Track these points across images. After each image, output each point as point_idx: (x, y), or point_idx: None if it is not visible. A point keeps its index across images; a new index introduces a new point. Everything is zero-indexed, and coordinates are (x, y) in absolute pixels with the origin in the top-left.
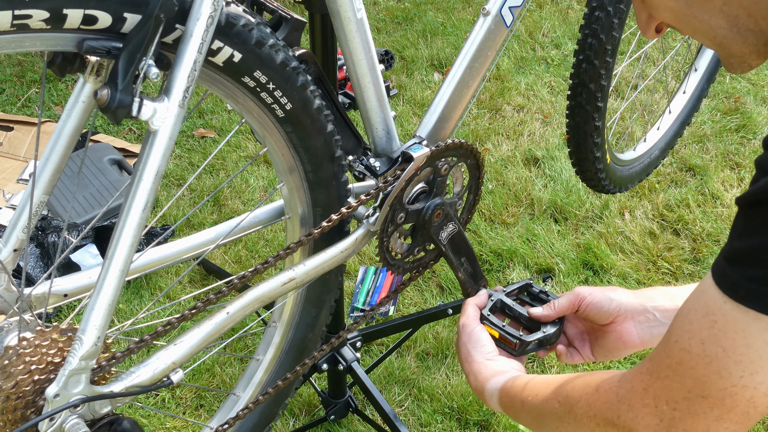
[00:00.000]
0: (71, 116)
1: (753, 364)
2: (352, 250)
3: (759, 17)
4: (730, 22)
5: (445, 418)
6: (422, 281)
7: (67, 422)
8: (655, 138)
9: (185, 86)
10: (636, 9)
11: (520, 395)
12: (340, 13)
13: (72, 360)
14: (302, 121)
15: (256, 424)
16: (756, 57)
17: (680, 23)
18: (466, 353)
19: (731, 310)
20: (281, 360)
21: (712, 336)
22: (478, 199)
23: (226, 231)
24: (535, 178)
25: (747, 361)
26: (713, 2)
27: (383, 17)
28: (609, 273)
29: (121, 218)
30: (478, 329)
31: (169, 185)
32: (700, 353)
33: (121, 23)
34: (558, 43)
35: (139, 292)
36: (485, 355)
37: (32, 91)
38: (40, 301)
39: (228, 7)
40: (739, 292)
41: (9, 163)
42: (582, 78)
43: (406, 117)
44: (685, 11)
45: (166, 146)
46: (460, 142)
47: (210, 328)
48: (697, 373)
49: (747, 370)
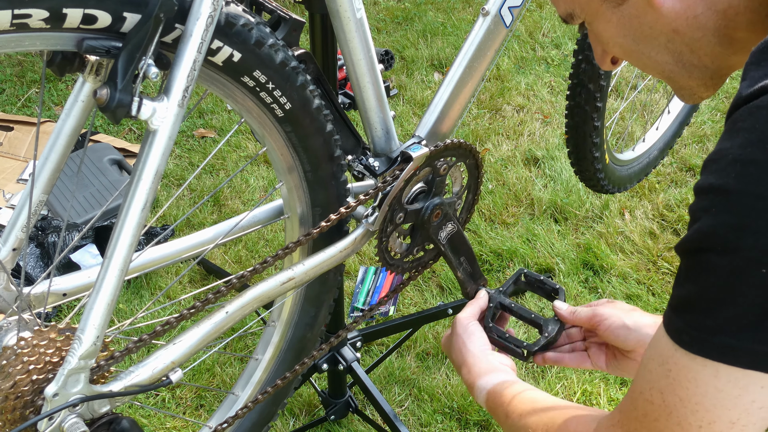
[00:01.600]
0: (70, 116)
1: (709, 414)
2: (351, 249)
3: (701, 54)
4: (675, 58)
5: (445, 418)
6: (422, 281)
7: (66, 421)
8: (654, 138)
9: (185, 86)
10: (591, 43)
11: (505, 407)
12: (339, 13)
13: (71, 359)
14: (301, 120)
15: (255, 423)
16: (705, 89)
17: (630, 58)
18: (461, 343)
19: (681, 358)
20: (280, 359)
21: (669, 386)
22: (477, 199)
23: (225, 230)
24: (535, 178)
25: (703, 410)
26: (658, 39)
27: (383, 17)
28: (609, 273)
29: (121, 217)
30: (473, 324)
31: (169, 185)
32: (661, 404)
33: (120, 23)
34: (558, 43)
35: (138, 291)
36: (480, 347)
37: (32, 91)
38: (39, 300)
39: (228, 7)
40: (684, 339)
41: (9, 163)
42: (581, 78)
43: (406, 117)
44: (633, 47)
45: (165, 146)
46: (458, 141)
47: (209, 328)
48: (661, 425)
49: (704, 420)
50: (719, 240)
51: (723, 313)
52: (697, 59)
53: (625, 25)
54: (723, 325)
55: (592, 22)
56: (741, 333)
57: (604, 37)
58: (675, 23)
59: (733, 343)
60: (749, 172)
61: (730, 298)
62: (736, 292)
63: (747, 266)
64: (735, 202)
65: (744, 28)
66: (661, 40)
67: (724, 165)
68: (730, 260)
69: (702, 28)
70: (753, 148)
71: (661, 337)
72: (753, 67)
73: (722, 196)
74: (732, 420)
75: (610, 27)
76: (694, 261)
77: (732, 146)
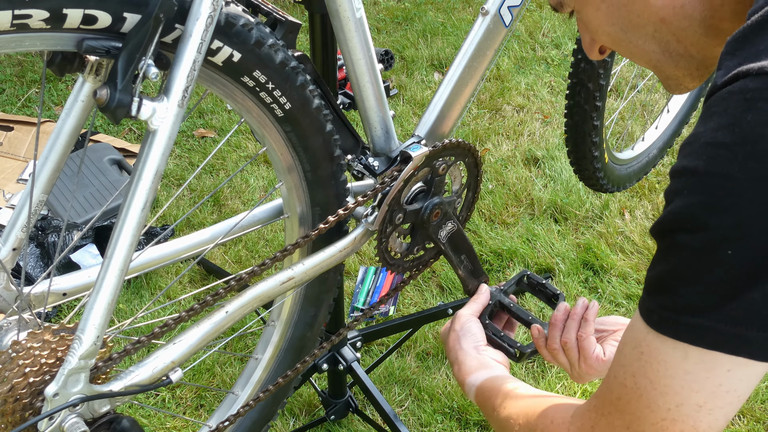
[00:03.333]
0: (70, 115)
1: (677, 396)
2: (350, 249)
3: (687, 43)
4: (661, 47)
5: (445, 418)
6: (422, 281)
7: (67, 421)
8: (653, 137)
9: (184, 86)
10: (580, 32)
11: (492, 401)
12: (339, 12)
13: (71, 359)
14: (301, 120)
15: (255, 422)
16: (691, 80)
17: (618, 47)
18: (455, 340)
19: (653, 340)
20: (280, 359)
21: (641, 368)
22: (477, 197)
23: (225, 230)
24: (535, 178)
25: (671, 392)
26: (645, 29)
27: (383, 17)
28: (609, 273)
29: (121, 217)
30: (472, 321)
31: (169, 185)
32: (633, 387)
33: (120, 23)
34: (558, 43)
35: (138, 291)
36: (474, 344)
37: (32, 91)
38: (39, 300)
39: (227, 7)
40: (653, 319)
41: (9, 163)
42: (581, 77)
43: (406, 117)
44: (621, 36)
45: (165, 146)
46: (457, 141)
47: (209, 327)
48: (632, 408)
49: (673, 402)
50: (688, 220)
51: (690, 292)
52: (683, 49)
53: (614, 13)
54: (689, 304)
55: (581, 10)
56: (706, 312)
57: (592, 25)
58: (662, 12)
59: (698, 323)
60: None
61: (696, 277)
62: (702, 271)
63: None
64: (704, 183)
65: (729, 18)
66: (649, 29)
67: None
68: (697, 239)
69: (688, 17)
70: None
71: (635, 321)
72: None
73: (693, 177)
74: (699, 403)
75: (599, 15)
76: (665, 242)
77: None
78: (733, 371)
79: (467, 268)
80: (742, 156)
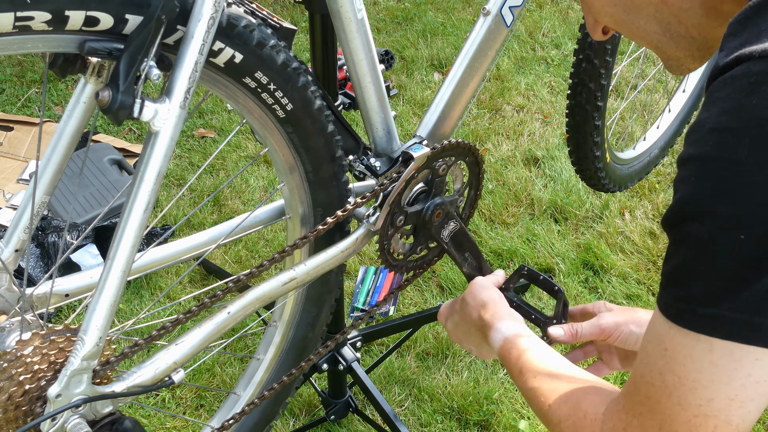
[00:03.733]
0: (72, 117)
1: (707, 390)
2: (352, 249)
3: (689, 25)
4: (663, 28)
5: (445, 418)
6: (422, 281)
7: (69, 422)
8: (654, 137)
9: (186, 87)
10: (584, 13)
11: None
12: (340, 13)
13: (74, 360)
14: (303, 121)
15: (257, 422)
16: (692, 61)
17: (620, 27)
18: (479, 289)
19: (676, 335)
20: (282, 359)
21: (666, 365)
22: (479, 194)
23: (226, 231)
24: (535, 178)
25: (701, 387)
26: (647, 9)
27: (383, 17)
28: (609, 273)
29: (123, 219)
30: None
31: (170, 185)
32: (661, 385)
33: (122, 24)
34: (558, 43)
35: (139, 292)
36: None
37: (32, 91)
38: (41, 301)
39: (229, 9)
40: (671, 312)
41: (9, 163)
42: (582, 77)
43: (406, 117)
44: (623, 17)
45: (167, 147)
46: (458, 141)
47: (211, 328)
48: (662, 407)
49: (703, 398)
50: (697, 207)
51: (703, 281)
52: (684, 30)
53: None
54: (705, 294)
55: None
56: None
57: (595, 6)
58: None
59: (715, 312)
60: (724, 139)
61: (708, 265)
62: (714, 258)
63: (723, 231)
64: (711, 169)
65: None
66: (650, 10)
67: (702, 134)
68: (706, 226)
69: None
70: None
71: (656, 318)
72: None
73: (700, 164)
74: (730, 396)
75: None
76: (675, 233)
77: (709, 116)
78: (761, 360)
79: (472, 265)
80: (748, 140)
